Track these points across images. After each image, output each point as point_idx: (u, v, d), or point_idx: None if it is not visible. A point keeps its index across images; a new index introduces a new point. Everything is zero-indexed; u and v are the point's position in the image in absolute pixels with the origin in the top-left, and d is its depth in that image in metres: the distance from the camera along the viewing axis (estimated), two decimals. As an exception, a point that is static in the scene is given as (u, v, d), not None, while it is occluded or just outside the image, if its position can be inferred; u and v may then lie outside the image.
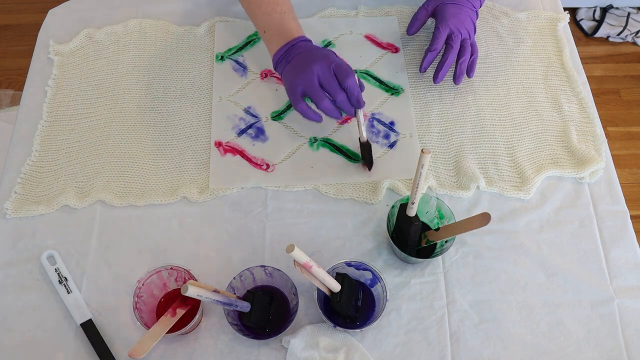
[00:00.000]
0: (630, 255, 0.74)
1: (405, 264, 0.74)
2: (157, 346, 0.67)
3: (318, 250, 0.74)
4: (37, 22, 0.99)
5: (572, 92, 0.88)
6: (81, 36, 0.94)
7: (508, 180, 0.80)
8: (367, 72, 0.90)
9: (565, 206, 0.78)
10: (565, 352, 0.68)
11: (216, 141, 0.83)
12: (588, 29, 1.91)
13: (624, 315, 0.70)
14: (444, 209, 0.72)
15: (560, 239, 0.76)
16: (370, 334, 0.69)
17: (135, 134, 0.84)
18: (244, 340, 0.68)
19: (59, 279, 0.72)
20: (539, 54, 0.93)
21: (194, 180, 0.80)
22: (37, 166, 0.81)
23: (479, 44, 0.93)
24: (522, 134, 0.84)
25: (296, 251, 0.58)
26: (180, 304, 0.67)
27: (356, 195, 0.79)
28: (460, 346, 0.68)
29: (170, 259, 0.73)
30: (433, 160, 0.82)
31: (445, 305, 0.71)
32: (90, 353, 0.68)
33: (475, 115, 0.86)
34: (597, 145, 0.83)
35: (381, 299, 0.68)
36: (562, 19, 0.96)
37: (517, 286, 0.72)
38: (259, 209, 0.78)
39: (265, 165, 0.81)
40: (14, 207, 0.77)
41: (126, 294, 0.70)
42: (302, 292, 0.71)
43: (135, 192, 0.79)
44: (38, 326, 0.70)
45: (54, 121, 0.86)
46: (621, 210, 0.78)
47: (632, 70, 1.85)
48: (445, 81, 0.89)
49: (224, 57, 0.92)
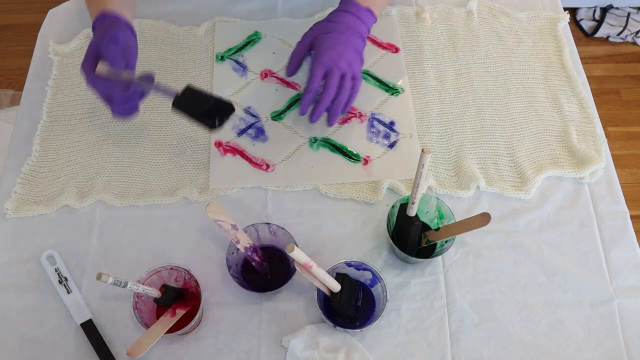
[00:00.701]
0: (630, 255, 0.74)
1: (405, 264, 0.74)
2: (157, 346, 0.67)
3: (318, 250, 0.74)
4: (37, 22, 0.99)
5: (572, 92, 0.88)
6: (81, 36, 0.94)
7: (508, 180, 0.80)
8: (367, 72, 0.90)
9: (565, 206, 0.78)
10: (565, 352, 0.68)
11: (216, 141, 0.83)
12: (588, 29, 1.91)
13: (624, 315, 0.70)
14: (444, 209, 0.72)
15: (560, 239, 0.76)
16: (370, 334, 0.69)
17: (135, 133, 0.84)
18: (244, 340, 0.68)
19: (59, 279, 0.72)
20: (539, 54, 0.93)
21: (194, 180, 0.80)
22: (37, 166, 0.81)
23: (479, 44, 0.93)
24: (522, 134, 0.84)
25: (296, 251, 0.58)
26: (180, 304, 0.67)
27: (356, 195, 0.78)
28: (460, 346, 0.68)
29: (170, 259, 0.73)
30: (433, 160, 0.82)
31: (445, 305, 0.71)
32: (90, 353, 0.68)
33: (475, 115, 0.86)
34: (597, 145, 0.83)
35: (381, 299, 0.68)
36: (562, 19, 0.96)
37: (517, 286, 0.72)
38: (259, 208, 0.78)
39: (265, 165, 0.81)
40: (14, 207, 0.77)
41: (126, 294, 0.70)
42: (302, 292, 0.71)
43: (135, 192, 0.79)
44: (38, 326, 0.70)
45: (54, 121, 0.86)
46: (621, 210, 0.78)
47: (632, 70, 1.85)
48: (445, 81, 0.89)
49: (224, 57, 0.92)
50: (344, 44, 0.77)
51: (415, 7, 0.97)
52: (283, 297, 0.71)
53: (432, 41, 0.93)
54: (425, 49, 0.92)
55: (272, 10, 0.97)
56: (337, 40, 0.77)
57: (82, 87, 0.89)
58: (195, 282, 0.67)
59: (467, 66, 0.91)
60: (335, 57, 0.76)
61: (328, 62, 0.76)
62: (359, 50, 0.79)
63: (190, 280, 0.67)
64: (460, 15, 0.96)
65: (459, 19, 0.96)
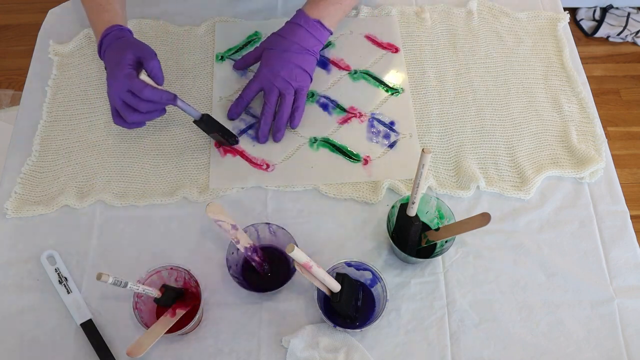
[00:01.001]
0: (630, 255, 0.74)
1: (405, 264, 0.74)
2: (157, 346, 0.67)
3: (318, 250, 0.74)
4: (37, 22, 0.99)
5: (572, 92, 0.88)
6: (81, 36, 0.94)
7: (508, 180, 0.80)
8: (367, 72, 0.90)
9: (565, 206, 0.78)
10: (565, 352, 0.68)
11: (216, 141, 0.83)
12: (588, 29, 1.91)
13: (624, 315, 0.70)
14: (444, 209, 0.72)
15: (560, 239, 0.76)
16: (370, 334, 0.69)
17: (135, 133, 0.84)
18: (244, 340, 0.68)
19: (59, 279, 0.72)
20: (539, 54, 0.93)
21: (194, 180, 0.80)
22: (37, 166, 0.81)
23: (479, 44, 0.93)
24: (522, 134, 0.84)
25: (296, 251, 0.58)
26: (180, 304, 0.67)
27: (356, 195, 0.78)
28: (460, 346, 0.68)
29: (170, 259, 0.73)
30: (433, 160, 0.82)
31: (445, 305, 0.71)
32: (90, 353, 0.68)
33: (475, 115, 0.86)
34: (597, 145, 0.83)
35: (381, 299, 0.68)
36: (562, 19, 0.96)
37: (517, 286, 0.72)
38: (259, 208, 0.78)
39: (265, 165, 0.81)
40: (14, 207, 0.77)
41: (126, 294, 0.70)
42: (302, 292, 0.71)
43: (135, 193, 0.79)
44: (38, 326, 0.70)
45: (54, 121, 0.86)
46: (621, 210, 0.78)
47: (632, 70, 1.85)
48: (445, 81, 0.89)
49: (224, 57, 0.92)
50: (284, 62, 0.78)
51: (415, 7, 0.97)
52: (283, 297, 0.71)
53: (432, 41, 0.93)
54: (425, 49, 0.92)
55: (272, 10, 0.97)
56: (278, 57, 0.78)
57: (82, 87, 0.89)
58: (195, 282, 0.67)
59: (467, 66, 0.91)
60: (270, 77, 0.78)
61: (264, 80, 0.79)
62: (301, 67, 0.79)
63: (190, 280, 0.67)
64: (460, 15, 0.96)
65: (459, 19, 0.96)
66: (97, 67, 0.91)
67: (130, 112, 0.73)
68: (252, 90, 0.81)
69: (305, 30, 0.80)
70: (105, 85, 0.88)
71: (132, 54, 0.72)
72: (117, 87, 0.71)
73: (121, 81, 0.71)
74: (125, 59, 0.72)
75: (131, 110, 0.73)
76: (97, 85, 0.89)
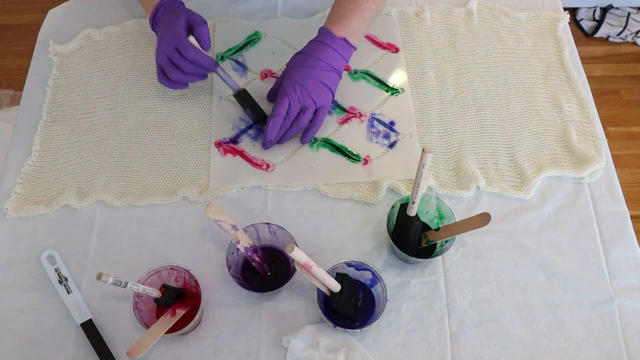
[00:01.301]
0: (630, 255, 0.74)
1: (405, 264, 0.74)
2: (157, 346, 0.67)
3: (318, 250, 0.74)
4: (37, 22, 0.99)
5: (572, 92, 0.88)
6: (81, 36, 0.94)
7: (508, 180, 0.80)
8: (367, 72, 0.90)
9: (565, 206, 0.78)
10: (565, 352, 0.68)
11: (216, 141, 0.83)
12: (588, 29, 1.91)
13: (624, 315, 0.70)
14: (444, 209, 0.72)
15: (560, 239, 0.76)
16: (370, 334, 0.69)
17: (135, 134, 0.84)
18: (244, 340, 0.68)
19: (59, 279, 0.72)
20: (539, 54, 0.93)
21: (194, 180, 0.80)
22: (37, 166, 0.81)
23: (479, 44, 0.93)
24: (522, 134, 0.84)
25: (296, 251, 0.58)
26: (180, 304, 0.67)
27: (356, 195, 0.78)
28: (460, 346, 0.68)
29: (170, 259, 0.73)
30: (433, 160, 0.82)
31: (445, 305, 0.71)
32: (90, 353, 0.68)
33: (475, 115, 0.86)
34: (597, 145, 0.83)
35: (381, 299, 0.68)
36: (562, 19, 0.96)
37: (517, 286, 0.72)
38: (259, 208, 0.78)
39: (265, 165, 0.81)
40: (14, 207, 0.77)
41: (126, 294, 0.70)
42: (302, 292, 0.71)
43: (135, 192, 0.79)
44: (38, 326, 0.70)
45: (54, 121, 0.86)
46: (621, 210, 0.78)
47: (632, 70, 1.85)
48: (445, 81, 0.89)
49: (224, 57, 0.92)
50: (312, 78, 0.78)
51: (415, 7, 0.97)
52: (283, 297, 0.71)
53: (432, 41, 0.94)
54: (425, 49, 0.93)
55: (272, 10, 0.97)
56: (306, 76, 0.78)
57: (82, 87, 0.89)
58: (195, 282, 0.67)
59: (467, 66, 0.91)
60: (293, 93, 0.77)
61: (291, 97, 0.77)
62: (326, 84, 0.79)
63: (190, 280, 0.67)
64: (460, 15, 0.96)
65: (459, 19, 0.96)
66: (97, 67, 0.91)
67: (175, 70, 0.78)
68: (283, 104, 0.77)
69: (332, 49, 0.79)
70: (105, 84, 0.89)
71: (184, 17, 0.78)
72: (166, 43, 0.76)
73: (170, 38, 0.76)
74: (178, 21, 0.77)
75: (176, 68, 0.78)
76: (97, 85, 0.89)
